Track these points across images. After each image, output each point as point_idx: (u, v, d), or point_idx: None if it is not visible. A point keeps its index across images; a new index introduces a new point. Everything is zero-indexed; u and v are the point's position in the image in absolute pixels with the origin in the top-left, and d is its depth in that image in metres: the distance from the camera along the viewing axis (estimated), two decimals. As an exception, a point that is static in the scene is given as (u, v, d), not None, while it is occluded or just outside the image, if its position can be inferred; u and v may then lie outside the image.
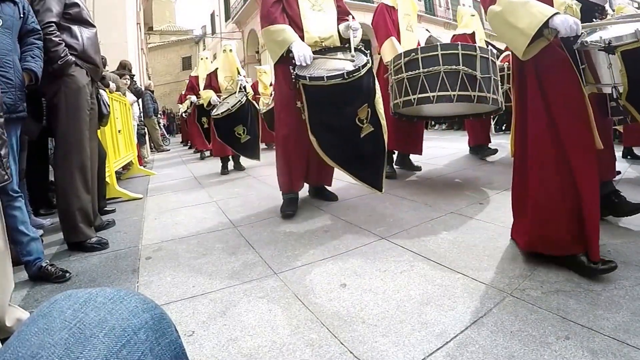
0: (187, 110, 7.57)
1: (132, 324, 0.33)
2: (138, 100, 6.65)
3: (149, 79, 12.82)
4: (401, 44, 3.33)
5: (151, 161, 7.27)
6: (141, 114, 7.25)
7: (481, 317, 1.24)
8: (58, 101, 2.15)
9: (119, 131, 4.36)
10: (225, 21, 22.24)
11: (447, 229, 2.09)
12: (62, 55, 2.09)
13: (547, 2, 1.48)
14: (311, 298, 1.45)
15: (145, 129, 7.57)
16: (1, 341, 1.27)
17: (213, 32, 23.99)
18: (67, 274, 1.79)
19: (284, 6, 2.51)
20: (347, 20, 2.54)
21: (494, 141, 4.71)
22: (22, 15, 1.88)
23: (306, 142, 2.51)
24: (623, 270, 1.46)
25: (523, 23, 1.44)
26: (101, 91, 2.77)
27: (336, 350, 1.14)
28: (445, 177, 3.54)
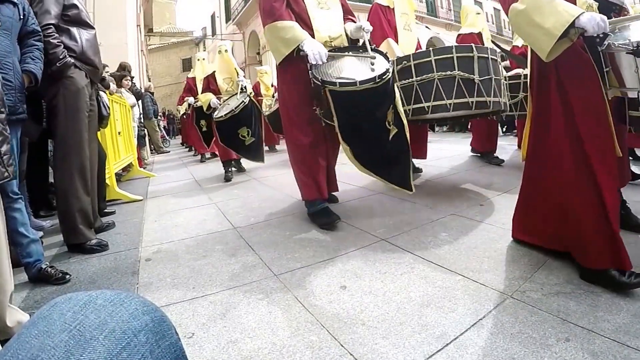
0: (186, 112, 7.44)
1: (133, 327, 0.33)
2: (138, 101, 6.65)
3: (149, 81, 12.85)
4: (399, 45, 3.19)
5: (151, 163, 7.27)
6: (141, 116, 7.24)
7: (481, 319, 1.24)
8: (57, 103, 2.15)
9: (119, 133, 4.36)
10: (225, 22, 22.25)
11: (448, 231, 2.09)
12: (61, 57, 2.10)
13: (570, 1, 1.42)
14: (311, 300, 1.45)
15: (145, 131, 7.57)
16: (1, 343, 1.27)
17: (213, 34, 24.01)
18: (67, 276, 1.79)
19: (289, 2, 2.35)
20: (352, 20, 2.43)
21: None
22: (22, 17, 1.88)
23: (324, 148, 2.45)
24: (623, 271, 1.46)
25: (549, 22, 1.35)
26: (101, 93, 2.78)
27: (336, 352, 1.14)
28: (445, 179, 3.54)
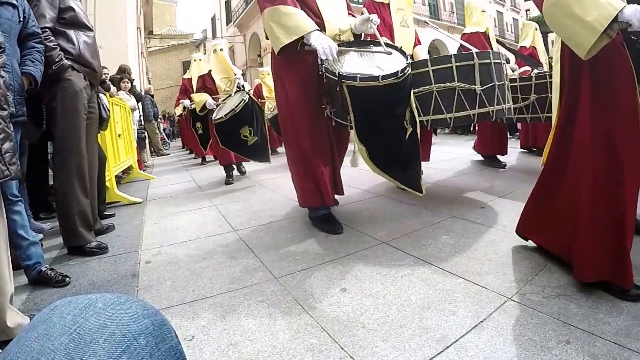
0: (182, 114, 7.38)
1: (133, 330, 0.33)
2: (138, 104, 6.65)
3: (149, 83, 12.85)
4: (395, 43, 2.96)
5: (151, 165, 7.27)
6: (141, 118, 7.24)
7: (482, 322, 1.24)
8: (55, 105, 2.15)
9: (119, 135, 4.36)
10: (226, 25, 22.30)
11: (448, 233, 2.09)
12: (57, 60, 2.09)
13: None
14: (311, 303, 1.45)
15: (145, 133, 7.56)
16: (1, 344, 1.27)
17: (214, 36, 24.03)
18: (67, 279, 1.79)
19: None
20: (352, 15, 2.28)
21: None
22: (22, 19, 1.88)
23: (328, 151, 2.31)
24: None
25: (591, 15, 1.22)
26: (101, 95, 2.78)
27: (336, 355, 1.13)
28: (447, 182, 3.54)
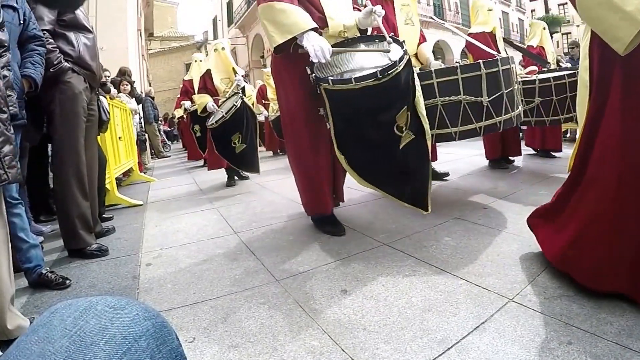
0: (182, 116, 7.38)
1: (133, 332, 0.33)
2: (138, 106, 6.66)
3: (150, 85, 12.87)
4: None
5: (152, 168, 7.26)
6: (141, 120, 7.25)
7: (483, 323, 1.24)
8: (54, 108, 2.14)
9: (120, 138, 4.36)
10: (227, 26, 22.34)
11: (450, 235, 2.08)
12: (55, 62, 2.09)
13: None
14: (312, 305, 1.45)
15: (145, 136, 7.57)
16: (2, 343, 1.26)
17: (215, 38, 24.11)
18: (67, 281, 1.79)
19: None
20: (357, 8, 2.14)
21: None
22: (22, 21, 1.88)
23: (329, 154, 2.19)
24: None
25: (632, 4, 1.11)
26: (101, 97, 2.78)
27: (337, 357, 1.13)
28: (449, 183, 3.52)
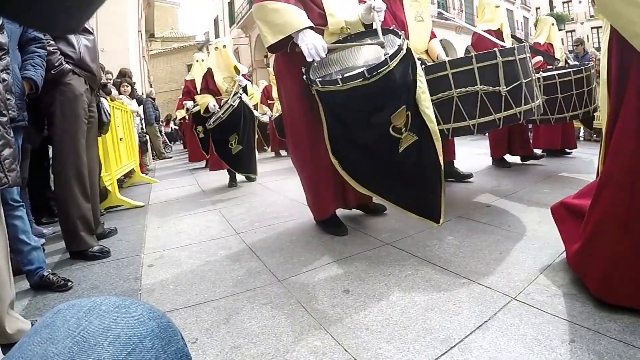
0: (185, 117, 7.34)
1: (138, 332, 0.33)
2: (139, 107, 6.65)
3: (151, 86, 12.87)
4: (410, 39, 2.65)
5: (153, 169, 7.26)
6: (142, 122, 7.23)
7: (486, 322, 1.23)
8: (54, 109, 2.14)
9: (121, 139, 4.36)
10: (229, 26, 22.29)
11: (453, 234, 2.08)
12: (56, 64, 2.09)
13: None
14: (314, 305, 1.45)
15: (146, 137, 7.56)
16: (2, 347, 1.26)
17: (217, 38, 24.11)
18: (69, 283, 1.79)
19: None
20: (363, 0, 2.05)
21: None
22: None
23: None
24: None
25: None
26: (102, 99, 2.78)
27: (340, 357, 1.13)
28: (452, 181, 3.48)
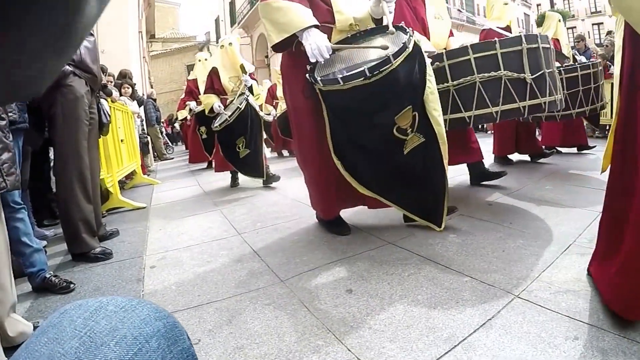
0: (186, 117, 7.25)
1: (144, 332, 0.33)
2: (140, 108, 6.64)
3: (151, 87, 12.85)
4: (431, 39, 2.59)
5: (155, 170, 7.26)
6: (143, 123, 7.22)
7: (489, 320, 1.23)
8: (55, 111, 2.14)
9: (122, 140, 4.36)
10: (230, 26, 22.35)
11: (455, 232, 2.07)
12: None
13: None
14: (317, 304, 1.44)
15: (148, 138, 7.55)
16: (5, 350, 1.26)
17: (218, 38, 24.13)
18: (71, 285, 1.79)
19: None
20: None
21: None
22: None
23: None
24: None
25: None
26: (102, 100, 2.78)
27: (343, 356, 1.13)
28: (454, 180, 3.46)
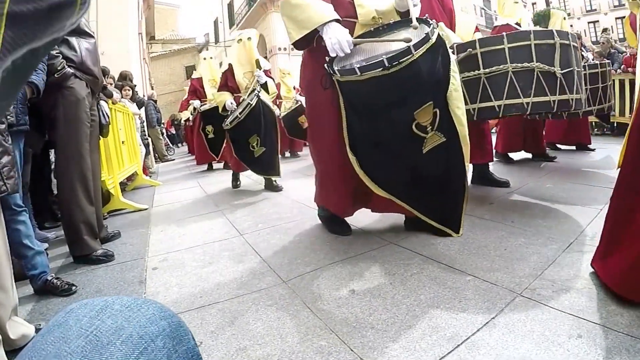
0: (189, 118, 7.25)
1: (150, 332, 0.33)
2: (140, 109, 6.63)
3: (152, 89, 12.84)
4: (457, 29, 2.54)
5: (156, 171, 7.26)
6: (143, 124, 7.22)
7: (492, 319, 1.23)
8: (57, 113, 2.13)
9: (123, 142, 4.36)
10: (229, 28, 22.39)
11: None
12: (59, 67, 2.09)
13: None
14: (319, 305, 1.44)
15: (149, 139, 7.54)
16: (7, 353, 1.26)
17: (216, 40, 24.12)
18: (73, 287, 1.79)
19: None
20: None
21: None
22: None
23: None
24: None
25: None
26: (101, 101, 2.78)
27: (346, 357, 1.13)
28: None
